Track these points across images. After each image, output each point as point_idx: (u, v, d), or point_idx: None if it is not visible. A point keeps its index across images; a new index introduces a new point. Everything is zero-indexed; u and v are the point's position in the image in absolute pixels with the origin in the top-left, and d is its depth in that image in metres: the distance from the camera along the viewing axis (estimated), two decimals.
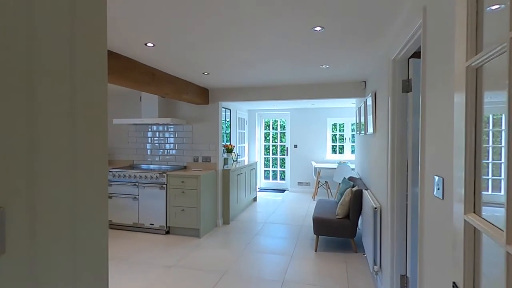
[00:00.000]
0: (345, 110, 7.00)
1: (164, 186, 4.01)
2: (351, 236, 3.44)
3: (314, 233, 3.52)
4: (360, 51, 2.58)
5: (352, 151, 7.13)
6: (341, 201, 3.50)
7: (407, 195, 2.16)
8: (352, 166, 6.16)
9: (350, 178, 4.44)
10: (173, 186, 4.00)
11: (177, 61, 2.88)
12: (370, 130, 3.23)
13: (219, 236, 4.00)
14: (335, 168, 6.14)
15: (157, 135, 4.72)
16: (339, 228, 3.44)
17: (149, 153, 4.74)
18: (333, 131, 7.31)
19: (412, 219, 2.00)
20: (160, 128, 4.70)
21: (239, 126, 6.82)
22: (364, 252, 3.41)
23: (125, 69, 2.69)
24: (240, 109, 6.88)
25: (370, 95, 3.26)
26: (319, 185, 6.91)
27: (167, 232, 4.08)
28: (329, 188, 6.69)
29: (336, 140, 7.28)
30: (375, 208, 2.63)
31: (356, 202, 3.41)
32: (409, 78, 2.17)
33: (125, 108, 4.88)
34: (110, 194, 4.24)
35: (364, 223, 3.25)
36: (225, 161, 5.15)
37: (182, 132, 4.62)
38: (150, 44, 2.34)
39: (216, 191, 4.45)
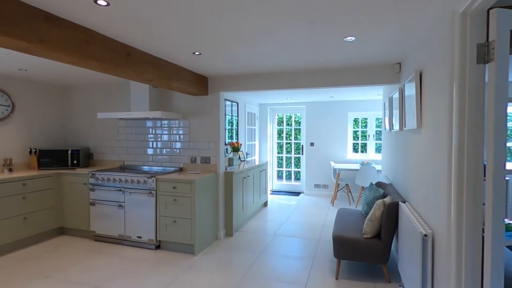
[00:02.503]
0: (369, 103, 6.12)
1: (153, 192, 3.37)
2: (383, 261, 2.66)
3: (335, 256, 2.76)
4: (401, 8, 1.79)
5: (377, 150, 6.25)
6: (369, 215, 2.72)
7: (483, 220, 1.39)
8: (378, 167, 5.30)
9: (379, 184, 3.63)
10: (163, 193, 3.35)
11: (149, 31, 2.19)
12: (411, 124, 2.43)
13: (217, 254, 3.31)
14: (357, 170, 5.32)
15: (150, 132, 4.09)
16: (367, 250, 2.67)
17: (142, 153, 4.12)
18: (354, 127, 6.45)
19: (493, 260, 1.24)
20: (154, 123, 4.07)
21: (248, 121, 6.11)
22: (401, 282, 2.63)
23: (81, 43, 2.03)
24: (250, 103, 6.16)
25: (409, 79, 2.45)
26: (339, 189, 6.09)
27: (158, 247, 3.45)
28: (350, 192, 5.86)
29: (358, 138, 6.42)
30: (425, 235, 1.85)
31: (391, 218, 2.62)
32: (489, 40, 1.38)
33: (113, 101, 4.28)
34: (93, 201, 3.65)
35: (403, 248, 2.46)
36: (230, 161, 4.46)
37: (178, 128, 3.96)
38: (102, 2, 1.65)
39: (216, 198, 3.77)
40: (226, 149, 4.71)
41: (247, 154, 5.91)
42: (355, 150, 6.45)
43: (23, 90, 3.99)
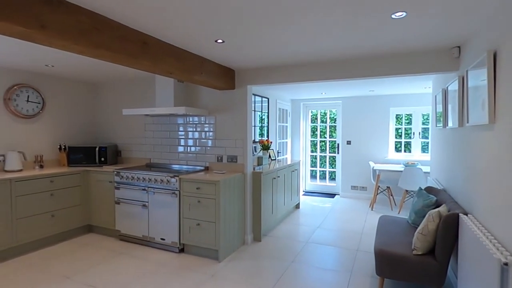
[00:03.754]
0: (415, 97, 5.47)
1: (177, 192, 3.18)
2: (437, 284, 2.20)
3: (378, 274, 2.35)
4: None
5: (423, 150, 5.58)
6: (421, 228, 2.26)
7: None
8: (425, 169, 4.69)
9: (429, 190, 3.12)
10: (187, 193, 3.15)
11: (166, 16, 1.95)
12: (477, 119, 1.95)
13: (244, 261, 3.04)
14: (400, 171, 4.75)
15: (176, 129, 3.92)
16: (417, 270, 2.22)
17: (168, 151, 3.98)
18: (397, 124, 5.83)
19: None
20: (179, 120, 3.90)
21: (280, 118, 5.77)
22: None
23: (90, 30, 1.84)
24: (282, 99, 5.82)
25: (476, 63, 1.97)
26: (379, 191, 5.54)
27: (181, 250, 3.26)
28: (392, 195, 5.28)
29: (401, 136, 5.79)
30: (505, 264, 1.40)
31: (448, 233, 2.15)
32: None
33: (140, 97, 4.18)
34: (118, 199, 3.56)
35: (467, 273, 1.98)
36: (259, 160, 4.17)
37: (204, 125, 3.74)
38: None
39: (244, 200, 3.50)
40: (255, 147, 4.42)
41: (278, 152, 5.59)
42: (398, 149, 5.83)
43: (53, 87, 4.03)
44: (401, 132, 5.80)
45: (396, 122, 5.81)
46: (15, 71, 3.61)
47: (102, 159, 4.01)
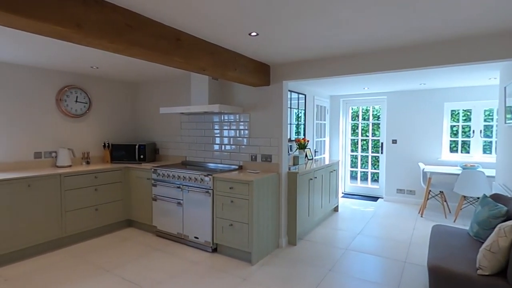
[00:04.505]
0: (476, 89, 4.85)
1: (210, 191, 3.14)
2: None
3: None
4: None
5: (485, 150, 4.93)
6: (488, 244, 1.92)
7: None
8: (488, 172, 4.12)
9: (496, 197, 2.68)
10: (220, 193, 3.09)
11: (200, 10, 1.87)
12: None
13: (277, 266, 2.90)
14: (456, 175, 4.23)
15: (211, 127, 3.90)
16: None
17: (202, 149, 3.98)
18: (453, 121, 5.23)
19: None
20: (214, 118, 3.86)
21: (317, 116, 5.51)
22: None
23: (124, 28, 1.83)
24: (320, 95, 5.54)
25: None
26: (430, 196, 5.02)
27: (214, 250, 3.22)
28: (445, 201, 4.75)
29: (458, 134, 5.18)
30: None
31: None
32: None
33: (178, 95, 4.23)
34: (155, 196, 3.63)
35: None
36: (295, 160, 3.99)
37: (238, 123, 3.66)
38: None
39: (278, 201, 3.35)
40: (291, 146, 4.24)
41: (315, 152, 5.34)
42: (453, 149, 5.23)
43: (98, 88, 4.24)
44: (458, 130, 5.19)
45: (452, 118, 5.21)
46: (65, 73, 3.85)
47: (141, 156, 4.13)
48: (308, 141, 4.34)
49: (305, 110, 4.91)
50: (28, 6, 1.39)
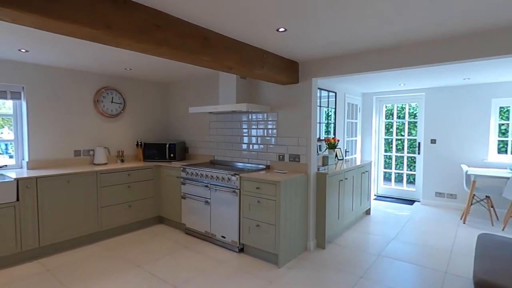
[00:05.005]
0: None
1: (237, 191, 3.12)
2: None
3: None
4: None
5: None
6: None
7: None
8: None
9: None
10: (247, 193, 3.06)
11: (227, 6, 1.84)
12: None
13: (305, 269, 2.81)
14: (506, 178, 3.84)
15: (238, 126, 3.88)
16: None
17: (230, 148, 3.98)
18: (501, 119, 4.77)
19: None
20: (241, 117, 3.84)
21: (348, 114, 5.30)
22: None
23: (152, 28, 1.85)
24: (351, 92, 5.32)
25: None
26: (474, 201, 4.62)
27: (241, 250, 3.20)
28: (492, 207, 4.34)
29: (507, 133, 4.72)
30: None
31: None
32: None
33: (206, 95, 4.27)
34: (184, 194, 3.69)
35: None
36: (324, 160, 3.86)
37: (266, 122, 3.61)
38: None
39: (306, 203, 3.25)
40: (320, 146, 4.11)
41: (346, 151, 5.14)
42: (502, 150, 4.77)
43: (131, 89, 4.40)
44: (507, 129, 4.72)
45: (500, 116, 4.75)
46: (102, 75, 4.05)
47: (172, 155, 4.23)
48: (338, 140, 4.17)
49: (335, 108, 4.74)
50: (60, 8, 1.44)
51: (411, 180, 6.01)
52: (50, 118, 3.60)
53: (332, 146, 4.04)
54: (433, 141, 5.15)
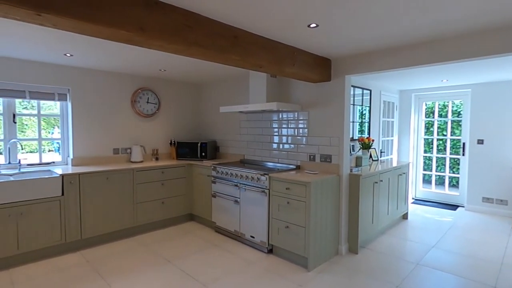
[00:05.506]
0: None
1: (266, 191, 3.09)
2: None
3: None
4: None
5: None
6: None
7: None
8: None
9: None
10: (276, 193, 3.02)
11: (258, 4, 1.81)
12: None
13: (336, 274, 2.70)
14: None
15: (268, 126, 3.85)
16: None
17: (260, 147, 3.96)
18: None
19: None
20: (272, 116, 3.80)
21: (384, 113, 5.04)
22: None
23: (183, 28, 1.87)
24: (387, 90, 5.06)
25: None
26: None
27: (270, 251, 3.16)
28: None
29: None
30: None
31: None
32: None
33: (237, 94, 4.29)
34: (214, 193, 3.74)
35: None
36: (358, 161, 3.70)
37: (297, 121, 3.53)
38: None
39: (338, 205, 3.13)
40: (353, 146, 3.94)
41: (381, 152, 4.89)
42: None
43: (165, 89, 4.55)
44: None
45: None
46: (138, 77, 4.23)
47: (203, 154, 4.30)
48: (373, 140, 3.98)
49: (370, 106, 4.53)
50: (97, 13, 1.51)
51: (454, 183, 5.58)
52: (92, 118, 3.82)
53: (366, 146, 3.86)
54: (480, 142, 4.72)
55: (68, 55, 3.05)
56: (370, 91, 4.52)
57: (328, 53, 2.91)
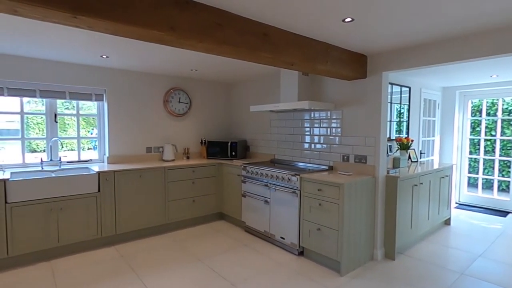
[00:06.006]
0: None
1: (297, 192, 3.01)
2: None
3: None
4: None
5: None
6: None
7: None
8: None
9: None
10: (307, 194, 2.92)
11: (286, 3, 1.74)
12: None
13: (371, 281, 2.55)
14: None
15: (300, 125, 3.75)
16: None
17: (291, 147, 3.87)
18: None
19: None
20: (303, 116, 3.70)
21: (425, 111, 4.72)
22: None
23: (213, 27, 1.85)
24: (428, 87, 4.73)
25: None
26: None
27: (301, 253, 3.08)
28: None
29: None
30: None
31: None
32: None
33: (268, 93, 4.24)
34: (244, 192, 3.72)
35: None
36: (395, 162, 3.49)
37: (330, 121, 3.40)
38: None
39: (373, 208, 2.97)
40: (390, 146, 3.72)
41: (421, 153, 4.58)
42: None
43: (196, 89, 4.61)
44: None
45: None
46: (170, 77, 4.32)
47: (233, 153, 4.30)
48: (412, 140, 3.73)
49: (409, 104, 4.25)
50: (130, 14, 1.53)
51: (504, 188, 5.09)
52: (127, 117, 3.97)
53: (404, 146, 3.63)
54: None
55: (104, 56, 3.18)
56: (410, 88, 4.24)
57: (363, 48, 2.76)
